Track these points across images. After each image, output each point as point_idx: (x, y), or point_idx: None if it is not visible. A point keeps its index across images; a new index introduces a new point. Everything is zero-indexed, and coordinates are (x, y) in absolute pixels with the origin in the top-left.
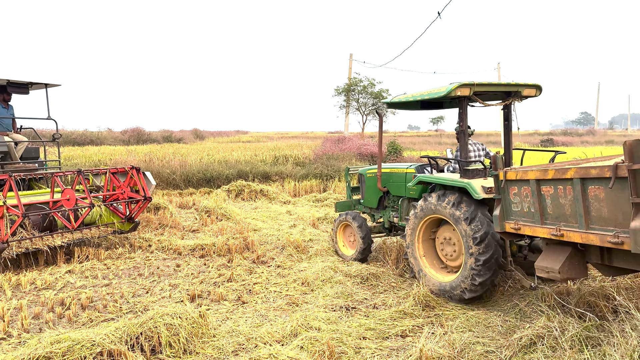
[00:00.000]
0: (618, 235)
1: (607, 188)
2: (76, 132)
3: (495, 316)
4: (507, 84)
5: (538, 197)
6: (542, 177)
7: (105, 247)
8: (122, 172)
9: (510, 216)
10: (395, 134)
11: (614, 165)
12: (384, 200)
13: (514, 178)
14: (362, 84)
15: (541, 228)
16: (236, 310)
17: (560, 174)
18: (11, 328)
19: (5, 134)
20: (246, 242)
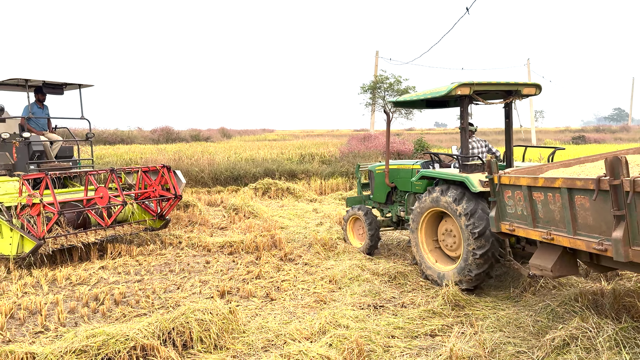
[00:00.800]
0: (602, 243)
1: (591, 199)
2: (107, 132)
3: (527, 316)
4: (507, 83)
5: (530, 202)
6: (533, 184)
7: (137, 243)
8: (153, 170)
9: (505, 218)
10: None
11: (597, 179)
12: (391, 195)
13: (508, 183)
14: (388, 82)
15: (533, 231)
16: (265, 307)
17: (549, 182)
18: (48, 322)
19: (41, 134)
20: (274, 239)
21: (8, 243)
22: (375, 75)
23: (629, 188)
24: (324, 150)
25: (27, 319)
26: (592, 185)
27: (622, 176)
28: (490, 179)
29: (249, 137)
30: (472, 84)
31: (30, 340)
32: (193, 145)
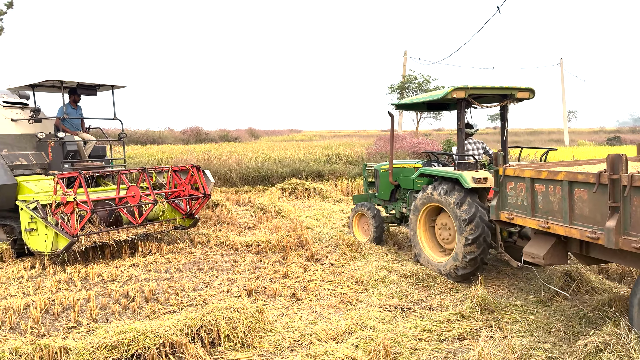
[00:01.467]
0: (595, 232)
1: (590, 191)
2: (139, 132)
3: (558, 321)
4: (501, 87)
5: (531, 193)
6: (536, 177)
7: (167, 242)
8: (183, 170)
9: (505, 207)
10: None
11: (598, 174)
12: (395, 193)
13: (512, 174)
14: (416, 81)
15: (531, 219)
16: (291, 307)
17: (552, 175)
18: (81, 317)
19: (75, 134)
20: (300, 239)
21: (43, 240)
22: (403, 75)
23: (627, 182)
24: (351, 150)
25: (60, 314)
26: (593, 179)
27: (621, 172)
28: (495, 170)
29: (276, 137)
30: (467, 87)
31: (64, 335)
32: (222, 146)
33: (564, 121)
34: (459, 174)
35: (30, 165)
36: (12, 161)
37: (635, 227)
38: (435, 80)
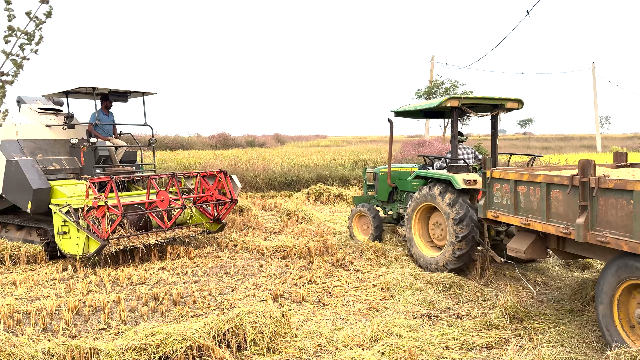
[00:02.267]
0: (568, 228)
1: (564, 192)
2: (168, 138)
3: (590, 331)
4: (492, 97)
5: (514, 194)
6: (519, 179)
7: (195, 246)
8: (211, 175)
9: (492, 206)
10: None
11: (571, 177)
12: (393, 194)
13: (498, 177)
14: (444, 86)
15: (514, 217)
16: (317, 312)
17: (532, 177)
18: (111, 319)
19: (106, 139)
20: (325, 245)
21: (75, 243)
22: (430, 80)
23: (594, 185)
24: (377, 156)
25: (91, 315)
26: (567, 181)
27: (590, 175)
28: (483, 173)
29: (302, 143)
30: (461, 97)
31: (94, 336)
32: (248, 151)
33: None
34: (452, 176)
35: (64, 170)
36: (46, 166)
37: (601, 223)
38: (463, 85)
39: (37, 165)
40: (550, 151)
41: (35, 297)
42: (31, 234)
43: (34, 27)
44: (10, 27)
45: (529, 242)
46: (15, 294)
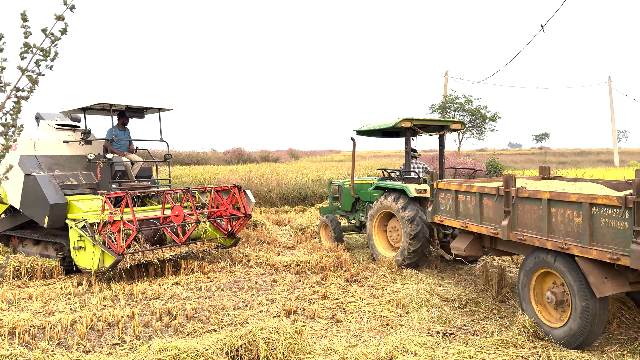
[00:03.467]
0: (496, 229)
1: (493, 200)
2: (184, 153)
3: (611, 350)
4: (439, 120)
5: (455, 201)
6: (459, 189)
7: (209, 260)
8: (225, 190)
9: (438, 212)
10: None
11: (497, 188)
12: (356, 205)
13: (443, 187)
14: (458, 101)
15: (455, 221)
16: (330, 329)
17: (469, 188)
18: (125, 334)
19: (123, 155)
20: (339, 260)
21: (90, 257)
22: (444, 95)
23: (514, 194)
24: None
25: (105, 330)
26: (494, 192)
27: (512, 187)
28: (430, 184)
29: (316, 157)
30: (412, 119)
31: (108, 351)
32: (262, 166)
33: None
34: (405, 186)
35: (80, 185)
36: (63, 181)
37: (520, 224)
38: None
39: (54, 181)
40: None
41: (51, 311)
42: (48, 249)
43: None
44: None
45: (468, 241)
46: (31, 309)
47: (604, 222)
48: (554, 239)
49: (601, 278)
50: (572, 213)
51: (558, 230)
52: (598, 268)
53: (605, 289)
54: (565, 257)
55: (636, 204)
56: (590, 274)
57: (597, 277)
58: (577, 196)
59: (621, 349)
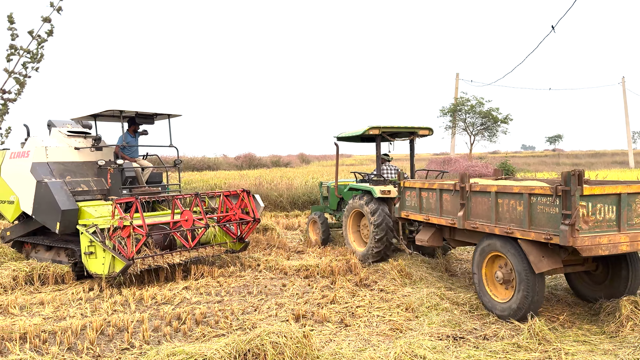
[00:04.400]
0: (453, 220)
1: (451, 195)
2: (195, 159)
3: (626, 354)
4: (406, 126)
5: (419, 198)
6: (422, 187)
7: (219, 265)
8: (234, 195)
9: (404, 208)
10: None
11: (454, 184)
12: (340, 204)
13: (409, 186)
14: (469, 104)
15: (419, 215)
16: (339, 333)
17: (430, 185)
18: (134, 339)
19: (133, 161)
20: (349, 264)
21: (101, 263)
22: (455, 97)
23: (468, 189)
24: None
25: (115, 335)
26: (452, 187)
27: (466, 183)
28: (398, 184)
29: (327, 162)
30: (380, 127)
31: (117, 356)
32: (273, 171)
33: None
34: (372, 187)
35: (91, 191)
36: (74, 187)
37: (473, 215)
38: (489, 102)
39: (65, 187)
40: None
41: (62, 316)
42: (59, 255)
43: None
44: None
45: (430, 233)
46: (43, 314)
47: (540, 208)
48: (501, 225)
49: (539, 257)
50: (515, 202)
51: (504, 218)
52: (536, 248)
53: (542, 265)
54: (510, 241)
55: (564, 192)
56: (530, 253)
57: (535, 256)
58: (519, 188)
59: (635, 352)
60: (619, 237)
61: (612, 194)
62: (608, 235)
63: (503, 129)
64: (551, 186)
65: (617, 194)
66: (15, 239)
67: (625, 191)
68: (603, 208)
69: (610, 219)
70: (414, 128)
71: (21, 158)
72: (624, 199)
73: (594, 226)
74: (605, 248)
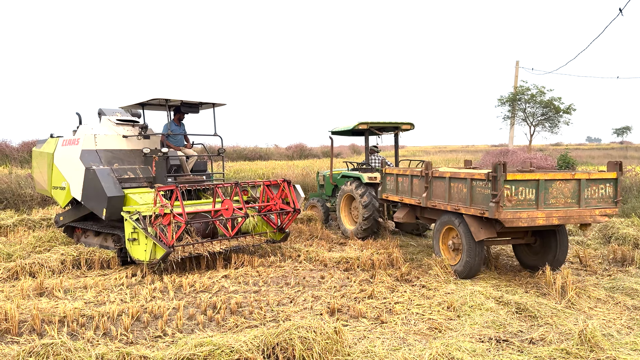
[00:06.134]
0: (419, 200)
1: (419, 180)
2: (248, 149)
3: None
4: (390, 122)
5: (396, 182)
6: (398, 173)
7: (260, 255)
8: (274, 184)
9: (385, 191)
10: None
11: (421, 171)
12: (335, 191)
13: (388, 172)
14: (529, 93)
15: (396, 196)
16: (374, 330)
17: (404, 172)
18: (168, 327)
19: (178, 149)
20: (390, 258)
21: (143, 249)
22: (514, 86)
23: (430, 175)
24: (454, 166)
25: (150, 322)
26: (419, 174)
27: (430, 170)
28: (381, 171)
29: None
30: (368, 122)
31: (149, 343)
32: (323, 161)
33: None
34: (361, 174)
35: (138, 178)
36: (121, 174)
37: (433, 195)
38: (550, 91)
39: (112, 174)
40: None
41: (102, 301)
42: (107, 240)
43: None
44: None
45: (405, 212)
46: (85, 298)
47: (478, 190)
48: (452, 204)
49: (478, 227)
50: (462, 185)
51: (454, 198)
52: (476, 221)
53: (480, 235)
54: (458, 216)
55: (493, 177)
56: (471, 225)
57: (475, 227)
58: (464, 174)
59: None
60: (536, 213)
61: (532, 180)
62: (528, 211)
63: (565, 120)
64: (485, 173)
65: (536, 179)
66: (67, 224)
67: (542, 178)
68: (524, 190)
69: (530, 199)
70: (397, 123)
71: (72, 145)
72: (542, 184)
73: (517, 204)
74: (524, 221)
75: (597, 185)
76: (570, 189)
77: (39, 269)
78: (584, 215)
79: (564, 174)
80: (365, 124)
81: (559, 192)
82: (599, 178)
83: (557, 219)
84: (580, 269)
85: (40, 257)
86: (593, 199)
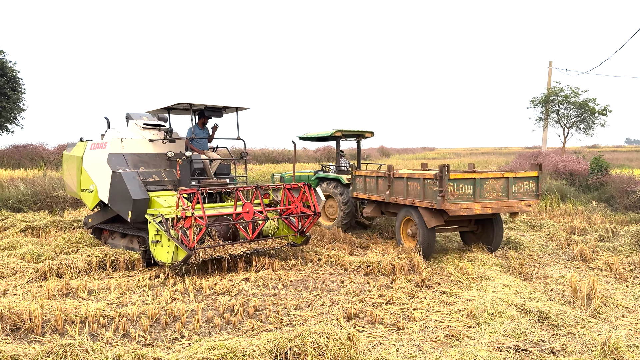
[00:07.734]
0: (382, 197)
1: (383, 180)
2: (276, 151)
3: None
4: (356, 131)
5: (364, 182)
6: (366, 175)
7: (281, 258)
8: (295, 188)
9: (355, 190)
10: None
11: (384, 172)
12: None
13: (358, 174)
14: (563, 94)
15: (364, 194)
16: (390, 336)
17: (370, 174)
18: (185, 329)
19: (202, 153)
20: (412, 263)
21: (166, 252)
22: (548, 87)
23: (392, 176)
24: (484, 168)
25: (169, 324)
26: (383, 174)
27: (391, 172)
28: (351, 173)
29: (407, 155)
30: (342, 130)
31: (166, 345)
32: None
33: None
34: (339, 176)
35: (162, 181)
36: (147, 177)
37: (395, 193)
38: (585, 92)
39: (138, 177)
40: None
41: (124, 302)
42: (132, 242)
43: None
44: None
45: (372, 207)
46: (108, 299)
47: (429, 187)
48: (409, 199)
49: (430, 217)
50: (416, 184)
51: (411, 194)
52: (428, 212)
53: (431, 222)
54: (415, 209)
55: (439, 177)
56: (425, 215)
57: (428, 216)
58: (418, 175)
59: None
60: (474, 204)
61: (470, 178)
62: (467, 203)
63: (601, 121)
64: (434, 174)
65: (473, 178)
66: (95, 225)
67: (478, 177)
68: (464, 187)
69: (469, 194)
70: (361, 132)
71: (100, 149)
72: (478, 182)
73: (458, 198)
74: (464, 211)
75: (522, 182)
76: (501, 185)
77: (65, 269)
78: (512, 206)
79: (495, 173)
80: (340, 132)
81: (492, 188)
82: (524, 176)
83: (490, 209)
84: (610, 276)
85: (68, 258)
86: (519, 193)
